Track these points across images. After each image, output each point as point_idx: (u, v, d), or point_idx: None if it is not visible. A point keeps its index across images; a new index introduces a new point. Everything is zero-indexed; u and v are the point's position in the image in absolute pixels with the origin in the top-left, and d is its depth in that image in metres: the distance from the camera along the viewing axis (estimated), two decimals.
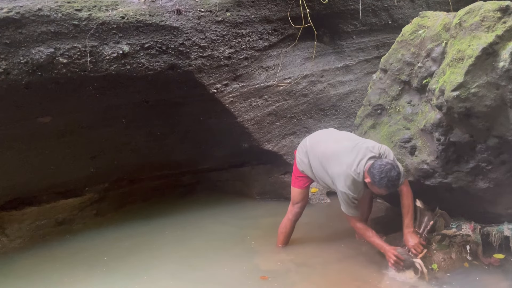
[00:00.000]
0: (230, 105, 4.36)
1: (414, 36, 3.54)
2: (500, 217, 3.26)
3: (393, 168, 2.97)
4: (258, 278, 3.26)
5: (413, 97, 3.55)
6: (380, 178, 2.95)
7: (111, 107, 4.00)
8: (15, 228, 4.25)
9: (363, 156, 3.14)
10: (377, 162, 3.04)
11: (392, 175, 2.95)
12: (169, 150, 4.83)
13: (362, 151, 3.18)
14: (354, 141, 3.33)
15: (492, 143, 2.88)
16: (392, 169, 2.96)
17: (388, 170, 2.95)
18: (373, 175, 3.00)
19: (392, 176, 2.95)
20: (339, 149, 3.27)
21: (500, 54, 2.64)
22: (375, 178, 2.98)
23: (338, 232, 4.00)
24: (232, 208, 5.10)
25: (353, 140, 3.35)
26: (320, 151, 3.38)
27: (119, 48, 3.55)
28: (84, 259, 3.84)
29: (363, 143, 3.29)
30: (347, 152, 3.21)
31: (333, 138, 3.47)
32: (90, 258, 3.83)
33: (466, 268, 3.17)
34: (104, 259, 3.80)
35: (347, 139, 3.41)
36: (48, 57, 3.32)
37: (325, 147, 3.37)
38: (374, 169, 3.00)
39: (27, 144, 3.88)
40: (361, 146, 3.23)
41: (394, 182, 2.99)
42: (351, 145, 3.27)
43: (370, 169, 3.04)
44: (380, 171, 2.96)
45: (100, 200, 4.91)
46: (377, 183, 2.99)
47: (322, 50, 4.89)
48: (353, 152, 3.19)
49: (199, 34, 3.90)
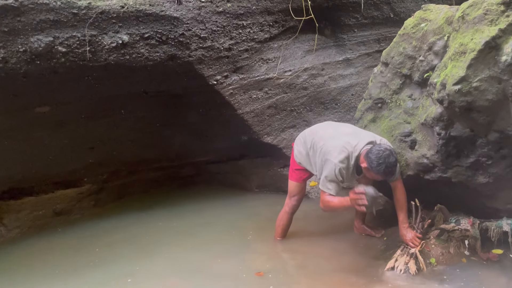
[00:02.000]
0: (230, 97, 4.34)
1: (416, 29, 3.51)
2: (499, 212, 3.25)
3: (391, 154, 2.95)
4: (253, 271, 3.25)
5: (414, 91, 3.53)
6: (378, 164, 2.92)
7: (110, 98, 3.98)
8: (13, 218, 4.25)
9: (362, 139, 3.14)
10: (375, 147, 3.01)
11: (391, 161, 2.93)
12: (168, 142, 4.81)
13: (362, 136, 3.19)
14: (354, 128, 3.41)
15: (493, 137, 2.86)
16: (391, 155, 2.94)
17: (387, 156, 2.92)
18: (370, 160, 2.95)
19: (390, 162, 2.92)
20: (338, 132, 3.29)
21: (503, 48, 2.61)
22: (373, 163, 2.94)
23: (336, 226, 3.99)
24: (231, 200, 5.09)
25: (353, 128, 3.44)
26: (318, 136, 3.37)
27: (119, 38, 3.53)
28: (79, 250, 3.84)
29: (364, 131, 3.35)
30: (346, 134, 3.24)
31: (332, 126, 3.52)
32: (83, 250, 3.84)
33: (464, 263, 3.16)
34: (96, 251, 3.80)
35: (347, 126, 3.48)
36: (47, 45, 3.30)
37: (324, 132, 3.39)
38: (372, 154, 2.96)
39: (25, 134, 3.87)
40: (361, 132, 3.28)
41: (392, 168, 2.96)
42: (350, 131, 3.32)
43: (367, 154, 3.00)
44: (379, 156, 2.92)
45: (99, 191, 4.91)
46: (374, 169, 2.94)
47: (323, 43, 4.87)
48: (352, 135, 3.21)
49: (200, 24, 3.87)
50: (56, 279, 3.33)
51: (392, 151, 2.98)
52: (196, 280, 3.22)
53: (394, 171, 3.04)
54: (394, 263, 3.15)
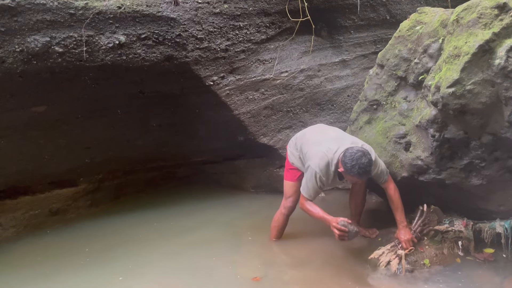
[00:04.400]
0: (227, 97, 4.35)
1: (411, 31, 3.54)
2: (492, 214, 3.29)
3: (363, 155, 3.03)
4: (247, 271, 3.26)
5: (409, 93, 3.56)
6: (351, 166, 3.03)
7: (106, 98, 3.98)
8: (9, 217, 4.24)
9: (342, 145, 3.21)
10: (348, 150, 3.11)
11: (363, 161, 3.01)
12: (164, 142, 4.82)
13: (344, 142, 3.26)
14: (339, 134, 3.48)
15: (486, 140, 2.90)
16: (363, 156, 3.03)
17: (359, 157, 3.02)
18: (345, 163, 3.07)
19: (362, 163, 3.01)
20: (323, 137, 3.39)
21: (496, 52, 2.65)
22: (347, 166, 3.05)
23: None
24: (226, 201, 5.10)
25: (338, 133, 3.51)
26: (305, 140, 3.50)
27: (116, 38, 3.53)
28: (72, 249, 3.84)
29: (348, 137, 3.40)
30: (330, 140, 3.33)
31: (320, 130, 3.60)
32: (77, 249, 3.84)
33: (458, 264, 3.20)
34: (90, 250, 3.81)
35: (333, 131, 3.55)
36: (43, 46, 3.30)
37: (311, 136, 3.51)
38: (346, 157, 3.08)
39: (21, 133, 3.86)
40: (344, 138, 3.35)
41: (366, 168, 3.04)
42: (335, 136, 3.40)
43: (342, 158, 3.12)
44: (351, 158, 3.03)
45: (95, 190, 4.90)
46: (348, 171, 3.06)
47: (320, 44, 4.88)
48: (335, 141, 3.29)
49: (196, 25, 3.88)
50: (49, 279, 3.33)
51: (365, 152, 3.06)
52: (190, 279, 3.23)
53: (369, 171, 3.10)
54: (379, 256, 3.24)
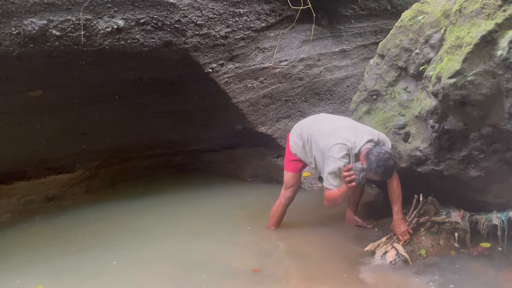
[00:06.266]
0: (225, 85, 4.32)
1: (413, 22, 3.51)
2: (489, 206, 3.29)
3: (391, 157, 3.01)
4: (244, 259, 3.25)
5: (409, 83, 3.54)
6: (377, 166, 2.98)
7: (104, 83, 3.94)
8: (4, 202, 4.23)
9: (361, 136, 3.16)
10: (376, 149, 3.06)
11: (390, 164, 2.99)
12: (162, 129, 4.79)
13: (361, 132, 3.21)
14: (352, 122, 3.41)
15: (486, 132, 2.89)
16: (390, 158, 3.00)
17: (386, 159, 2.99)
18: (370, 161, 3.01)
19: (389, 166, 2.99)
20: (337, 127, 3.30)
21: (499, 43, 2.62)
22: (372, 165, 2.99)
23: (328, 217, 4.01)
24: (224, 190, 5.10)
25: (351, 122, 3.44)
26: (315, 129, 3.38)
27: (114, 23, 3.48)
28: (67, 235, 3.84)
29: (362, 126, 3.35)
30: (345, 129, 3.25)
31: (329, 119, 3.51)
32: (72, 235, 3.83)
33: (454, 255, 3.21)
34: (84, 236, 3.81)
35: (345, 120, 3.49)
36: (40, 29, 3.24)
37: (321, 126, 3.39)
38: (373, 156, 3.01)
39: (17, 117, 3.83)
40: (359, 127, 3.30)
41: (390, 171, 3.04)
42: (349, 125, 3.33)
43: (367, 155, 3.05)
44: (379, 159, 2.98)
45: (91, 177, 4.88)
46: (373, 170, 3.00)
47: (320, 33, 4.84)
48: (351, 130, 3.23)
49: (196, 11, 3.82)
50: (42, 264, 3.33)
51: (392, 154, 3.03)
52: (186, 266, 3.22)
53: (392, 174, 3.09)
54: (375, 248, 3.25)
